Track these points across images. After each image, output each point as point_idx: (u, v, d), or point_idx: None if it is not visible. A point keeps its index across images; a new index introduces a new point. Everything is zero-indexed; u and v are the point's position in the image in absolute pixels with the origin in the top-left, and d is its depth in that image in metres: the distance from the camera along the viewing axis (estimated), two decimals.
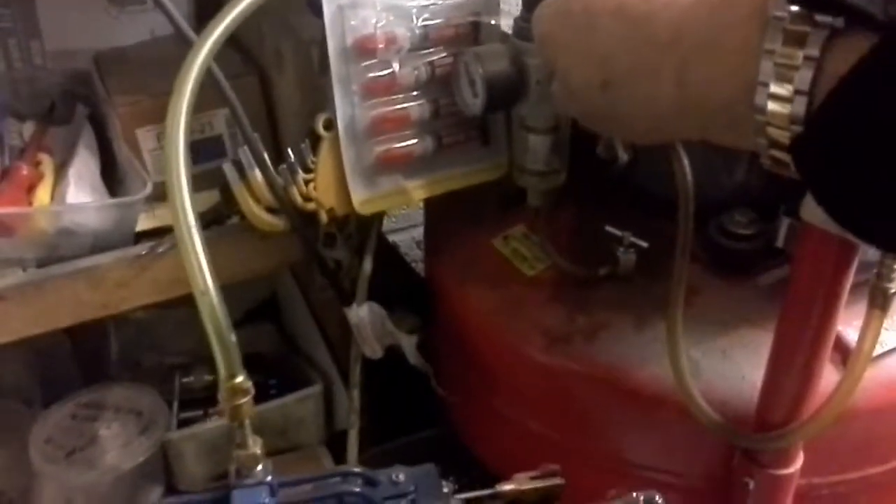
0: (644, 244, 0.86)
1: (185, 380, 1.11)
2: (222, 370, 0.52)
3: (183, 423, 1.03)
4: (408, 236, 1.55)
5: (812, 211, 0.60)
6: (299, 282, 1.19)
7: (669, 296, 0.77)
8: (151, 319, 1.11)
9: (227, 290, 0.55)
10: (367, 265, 0.97)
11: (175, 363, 1.11)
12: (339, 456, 1.07)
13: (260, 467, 0.52)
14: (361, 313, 0.95)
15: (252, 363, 0.56)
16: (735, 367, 0.80)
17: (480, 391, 0.95)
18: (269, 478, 0.51)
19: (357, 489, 0.50)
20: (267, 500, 0.49)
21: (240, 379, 0.52)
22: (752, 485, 0.76)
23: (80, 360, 1.14)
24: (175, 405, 1.05)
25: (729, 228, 0.85)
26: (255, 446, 0.52)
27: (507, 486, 0.54)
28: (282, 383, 1.11)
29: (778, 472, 0.75)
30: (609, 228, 0.88)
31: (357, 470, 0.52)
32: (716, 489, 0.81)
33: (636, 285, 0.87)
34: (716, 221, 0.86)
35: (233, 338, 0.52)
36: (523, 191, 0.95)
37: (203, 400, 1.08)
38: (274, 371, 1.14)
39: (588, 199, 0.95)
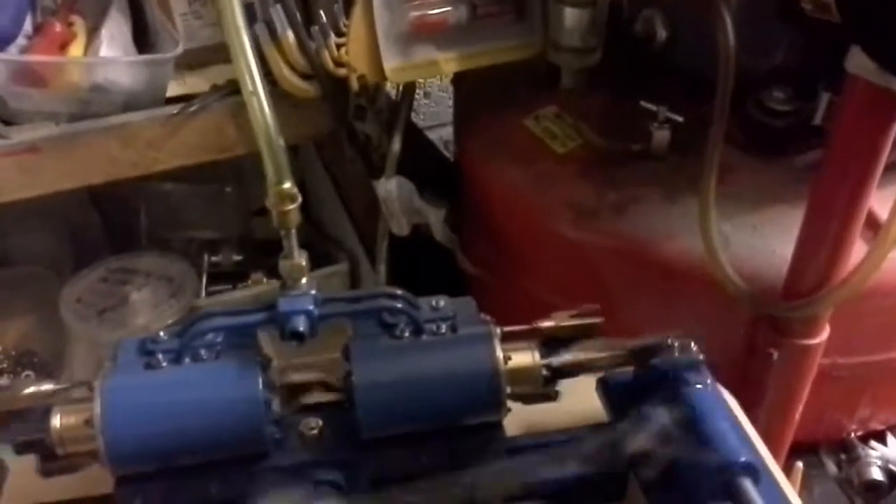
0: (679, 119, 0.85)
1: (213, 259, 1.12)
2: (270, 174, 0.51)
3: (210, 297, 1.04)
4: (436, 135, 1.54)
5: (857, 60, 0.59)
6: (327, 167, 1.19)
7: (703, 163, 0.76)
8: (181, 195, 1.11)
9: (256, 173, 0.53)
10: (397, 143, 0.97)
11: (204, 239, 1.11)
12: None
13: (305, 280, 0.51)
14: (390, 186, 0.95)
15: (280, 249, 0.52)
16: (765, 241, 0.79)
17: (507, 268, 0.95)
18: (313, 290, 0.50)
19: (399, 305, 0.50)
20: (311, 307, 0.48)
21: (287, 185, 0.50)
22: (776, 356, 0.76)
23: (110, 235, 1.15)
24: (203, 279, 1.06)
25: (767, 105, 0.83)
26: (301, 258, 0.51)
27: (546, 323, 0.53)
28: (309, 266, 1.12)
29: (804, 342, 0.75)
30: (644, 103, 0.86)
31: (399, 292, 0.51)
32: (738, 363, 0.81)
33: (668, 162, 0.86)
34: (754, 98, 0.85)
35: (281, 142, 0.51)
36: (556, 70, 0.94)
37: (230, 276, 1.09)
38: None
39: (623, 79, 0.94)
